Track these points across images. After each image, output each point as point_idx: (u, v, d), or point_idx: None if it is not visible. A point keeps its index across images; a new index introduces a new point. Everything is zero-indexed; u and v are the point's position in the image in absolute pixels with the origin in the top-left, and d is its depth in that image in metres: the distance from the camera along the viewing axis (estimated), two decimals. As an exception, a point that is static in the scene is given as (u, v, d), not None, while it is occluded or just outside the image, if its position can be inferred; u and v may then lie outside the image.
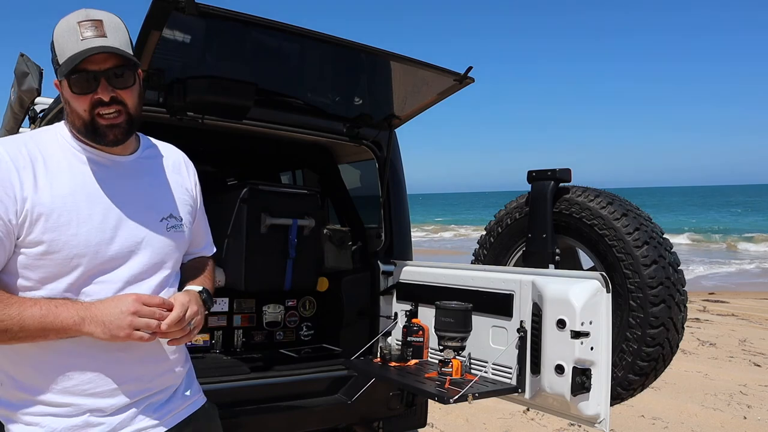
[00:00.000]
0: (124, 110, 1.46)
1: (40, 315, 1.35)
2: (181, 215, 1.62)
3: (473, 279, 2.72)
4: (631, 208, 2.62)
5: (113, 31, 1.43)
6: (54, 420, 1.43)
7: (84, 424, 1.44)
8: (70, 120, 1.49)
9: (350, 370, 3.05)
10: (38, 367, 1.44)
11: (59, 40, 1.42)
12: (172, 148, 1.74)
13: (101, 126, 1.44)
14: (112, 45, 1.41)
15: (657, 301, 2.42)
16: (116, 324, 1.37)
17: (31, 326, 1.34)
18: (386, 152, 3.32)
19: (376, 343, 3.09)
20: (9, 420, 1.47)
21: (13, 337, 1.35)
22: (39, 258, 1.39)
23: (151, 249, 1.53)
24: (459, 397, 2.27)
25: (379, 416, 3.16)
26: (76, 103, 1.44)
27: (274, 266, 3.18)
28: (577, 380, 2.21)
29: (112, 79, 1.42)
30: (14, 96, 3.99)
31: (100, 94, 1.42)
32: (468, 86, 2.89)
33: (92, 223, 1.43)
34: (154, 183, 1.60)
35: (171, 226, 1.58)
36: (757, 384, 6.25)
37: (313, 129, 3.18)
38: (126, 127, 1.47)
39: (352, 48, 2.57)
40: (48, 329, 1.35)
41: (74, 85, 1.42)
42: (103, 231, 1.45)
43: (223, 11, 2.14)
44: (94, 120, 1.44)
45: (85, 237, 1.42)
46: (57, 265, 1.40)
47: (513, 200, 3.07)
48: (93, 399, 1.45)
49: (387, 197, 3.37)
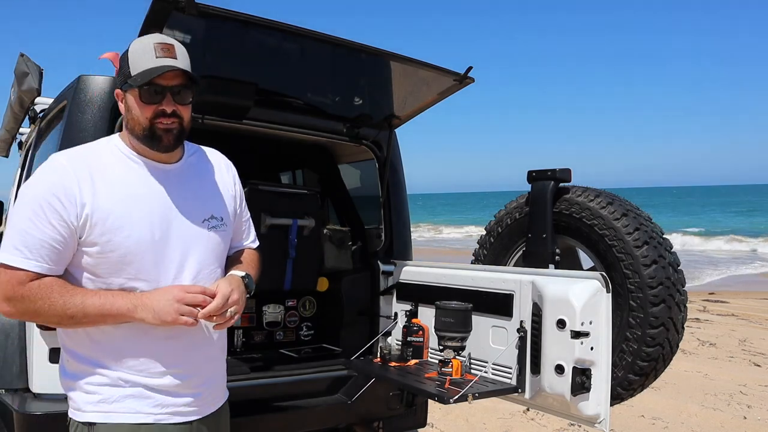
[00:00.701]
0: (179, 122, 1.66)
1: (99, 303, 1.55)
2: (221, 215, 1.79)
3: (473, 279, 2.72)
4: (631, 208, 2.62)
5: (182, 56, 1.65)
6: (110, 389, 1.63)
7: (138, 394, 1.63)
8: (130, 127, 1.66)
9: (350, 370, 3.05)
10: (98, 347, 1.63)
11: (134, 56, 1.63)
12: (213, 152, 1.92)
13: (158, 130, 1.63)
14: (182, 67, 1.63)
15: (657, 301, 2.42)
16: (164, 310, 1.56)
17: (92, 313, 1.55)
18: (386, 152, 3.32)
19: (376, 343, 3.09)
20: (70, 389, 1.68)
21: (77, 322, 1.57)
22: (97, 256, 1.58)
23: (195, 248, 1.70)
24: (459, 397, 2.27)
25: (379, 416, 3.16)
26: (141, 111, 1.63)
27: (274, 266, 3.18)
28: (577, 380, 2.21)
29: (175, 94, 1.63)
30: (14, 96, 3.99)
31: (164, 105, 1.62)
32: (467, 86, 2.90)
33: (143, 226, 1.61)
34: (198, 186, 1.77)
35: (213, 226, 1.75)
36: (757, 384, 6.25)
37: (313, 129, 3.18)
38: (178, 135, 1.67)
39: (352, 48, 2.57)
40: (106, 315, 1.56)
41: (144, 95, 1.61)
42: (153, 233, 1.62)
43: (223, 11, 2.14)
44: (153, 126, 1.63)
45: (136, 239, 1.60)
46: (112, 264, 1.59)
47: (513, 200, 3.07)
48: (145, 378, 1.64)
49: (387, 197, 3.37)
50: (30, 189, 1.58)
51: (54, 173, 1.58)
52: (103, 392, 1.63)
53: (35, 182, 1.59)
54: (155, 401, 1.65)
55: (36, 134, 3.60)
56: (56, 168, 1.59)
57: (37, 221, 1.53)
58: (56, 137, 2.74)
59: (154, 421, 1.64)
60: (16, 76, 3.81)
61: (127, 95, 1.65)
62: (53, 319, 1.58)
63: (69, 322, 1.58)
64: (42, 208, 1.54)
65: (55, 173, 1.58)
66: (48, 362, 2.36)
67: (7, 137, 5.13)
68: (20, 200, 1.59)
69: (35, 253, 1.53)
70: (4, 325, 2.60)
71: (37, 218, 1.53)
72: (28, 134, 4.35)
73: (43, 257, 1.54)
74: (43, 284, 1.54)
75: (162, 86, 1.61)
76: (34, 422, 2.30)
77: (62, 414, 2.30)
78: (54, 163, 1.60)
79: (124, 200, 1.60)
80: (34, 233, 1.53)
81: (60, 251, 1.56)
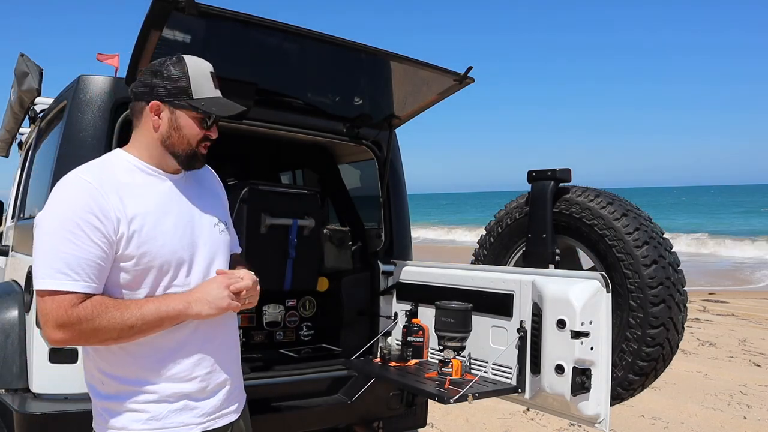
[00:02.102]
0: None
1: (155, 308, 1.57)
2: (224, 220, 1.87)
3: (473, 279, 2.73)
4: (631, 208, 2.62)
5: None
6: (157, 406, 1.64)
7: (183, 407, 1.66)
8: (170, 143, 1.70)
9: (350, 370, 3.05)
10: (139, 363, 1.64)
11: (197, 79, 1.69)
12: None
13: (200, 154, 1.74)
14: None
15: (657, 301, 2.42)
16: (219, 296, 1.63)
17: (151, 318, 1.57)
18: (386, 152, 3.32)
19: (376, 343, 3.09)
20: (114, 413, 1.65)
21: (137, 332, 1.57)
22: (133, 270, 1.60)
23: (212, 251, 1.76)
24: (459, 397, 2.27)
25: (379, 416, 3.16)
26: (191, 133, 1.70)
27: (274, 266, 3.18)
28: (577, 380, 2.21)
29: (218, 124, 1.76)
30: (14, 96, 3.99)
31: (212, 133, 1.73)
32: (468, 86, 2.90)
33: (172, 235, 1.66)
34: (201, 195, 1.82)
35: (222, 230, 1.82)
36: (757, 384, 6.25)
37: (313, 129, 3.18)
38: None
39: (352, 48, 2.57)
40: (163, 318, 1.58)
41: (200, 121, 1.69)
42: (181, 240, 1.68)
43: (223, 11, 2.14)
44: (197, 149, 1.72)
45: (169, 247, 1.64)
46: (151, 273, 1.62)
47: (513, 200, 3.07)
48: (188, 384, 1.67)
49: (387, 197, 3.37)
50: (60, 211, 1.55)
51: (83, 192, 1.56)
52: (151, 409, 1.63)
53: (65, 204, 1.55)
54: (200, 411, 1.69)
55: (36, 134, 3.60)
56: (84, 186, 1.57)
57: (78, 241, 1.51)
58: (56, 137, 2.74)
59: (201, 430, 1.69)
60: (16, 76, 3.81)
61: (179, 113, 1.68)
62: (113, 334, 1.55)
63: (129, 333, 1.56)
64: (80, 227, 1.52)
65: (84, 192, 1.56)
66: (48, 362, 2.36)
67: (7, 137, 5.14)
68: (49, 225, 1.54)
69: (81, 273, 1.51)
70: (4, 325, 2.61)
71: (76, 239, 1.51)
72: (28, 134, 4.36)
73: (90, 276, 1.53)
74: (95, 302, 1.53)
75: (217, 116, 1.71)
76: (34, 422, 2.30)
77: (62, 414, 2.32)
78: (79, 182, 1.58)
79: (153, 212, 1.64)
80: (76, 254, 1.51)
81: (103, 268, 1.56)
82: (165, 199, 1.69)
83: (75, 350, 2.38)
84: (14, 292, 2.78)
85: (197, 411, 1.69)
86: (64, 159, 2.55)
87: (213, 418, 1.72)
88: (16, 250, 3.23)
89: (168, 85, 1.66)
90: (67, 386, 2.37)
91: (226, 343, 1.78)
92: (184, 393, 1.67)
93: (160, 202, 1.67)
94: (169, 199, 1.70)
